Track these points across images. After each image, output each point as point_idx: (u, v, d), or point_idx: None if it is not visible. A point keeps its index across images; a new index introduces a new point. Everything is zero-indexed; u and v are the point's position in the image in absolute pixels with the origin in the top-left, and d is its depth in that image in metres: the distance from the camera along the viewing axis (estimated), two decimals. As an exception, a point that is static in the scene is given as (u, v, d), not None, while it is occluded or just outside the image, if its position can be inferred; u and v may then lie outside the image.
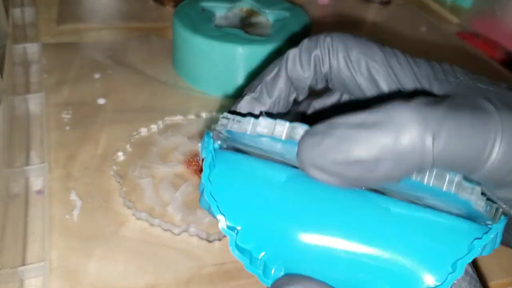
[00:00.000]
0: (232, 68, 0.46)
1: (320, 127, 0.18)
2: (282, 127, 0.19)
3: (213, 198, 0.20)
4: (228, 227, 0.20)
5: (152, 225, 0.33)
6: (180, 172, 0.37)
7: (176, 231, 0.33)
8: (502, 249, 0.25)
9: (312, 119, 0.26)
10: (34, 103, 0.43)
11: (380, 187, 0.20)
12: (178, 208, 0.34)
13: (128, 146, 0.39)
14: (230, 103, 0.46)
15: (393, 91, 0.22)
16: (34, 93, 0.44)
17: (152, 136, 0.41)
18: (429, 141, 0.17)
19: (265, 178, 0.21)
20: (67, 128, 0.41)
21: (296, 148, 0.19)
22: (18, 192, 0.35)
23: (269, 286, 0.20)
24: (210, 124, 0.43)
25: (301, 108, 0.27)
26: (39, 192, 0.35)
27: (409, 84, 0.22)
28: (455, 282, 0.20)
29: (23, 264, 0.30)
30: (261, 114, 0.23)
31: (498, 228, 0.20)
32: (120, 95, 0.46)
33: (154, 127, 0.42)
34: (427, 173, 0.18)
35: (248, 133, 0.19)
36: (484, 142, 0.17)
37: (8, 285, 0.29)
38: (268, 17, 0.52)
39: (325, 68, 0.23)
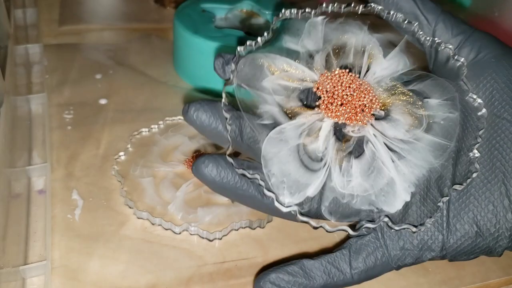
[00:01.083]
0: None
1: None
2: None
3: None
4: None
5: (153, 224, 0.33)
6: (181, 172, 0.38)
7: (177, 230, 0.33)
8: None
9: None
10: (36, 103, 0.44)
11: None
12: (179, 207, 0.34)
13: (129, 146, 0.39)
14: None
15: None
16: (36, 94, 0.44)
17: (153, 136, 0.41)
18: None
19: None
20: (69, 128, 0.41)
21: None
22: (20, 191, 0.35)
23: None
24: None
25: None
26: (41, 191, 0.35)
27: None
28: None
29: (25, 263, 0.30)
30: None
31: None
32: (121, 96, 0.46)
33: (154, 127, 0.42)
34: None
35: None
36: None
37: (10, 284, 0.29)
38: (268, 18, 0.52)
39: None
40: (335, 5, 0.27)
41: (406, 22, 0.27)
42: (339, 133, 0.27)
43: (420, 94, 0.27)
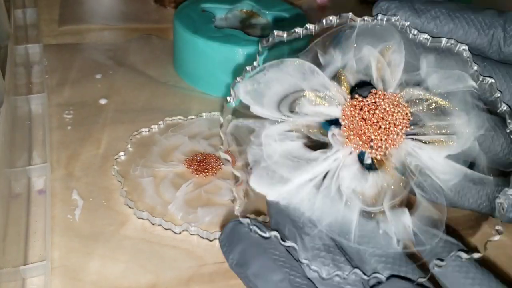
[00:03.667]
0: (232, 69, 0.46)
1: None
2: None
3: None
4: None
5: (153, 224, 0.33)
6: (181, 172, 0.38)
7: (177, 230, 0.33)
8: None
9: None
10: (36, 103, 0.44)
11: None
12: (179, 207, 0.34)
13: (129, 146, 0.39)
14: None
15: None
16: (36, 94, 0.44)
17: (153, 136, 0.41)
18: None
19: None
20: (69, 128, 0.41)
21: None
22: (20, 191, 0.35)
23: None
24: (210, 125, 0.43)
25: None
26: (41, 191, 0.35)
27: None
28: None
29: (25, 263, 0.30)
30: None
31: None
32: (121, 96, 0.46)
33: (154, 127, 0.42)
34: None
35: None
36: None
37: (10, 284, 0.29)
38: (267, 18, 0.52)
39: None
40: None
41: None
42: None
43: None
